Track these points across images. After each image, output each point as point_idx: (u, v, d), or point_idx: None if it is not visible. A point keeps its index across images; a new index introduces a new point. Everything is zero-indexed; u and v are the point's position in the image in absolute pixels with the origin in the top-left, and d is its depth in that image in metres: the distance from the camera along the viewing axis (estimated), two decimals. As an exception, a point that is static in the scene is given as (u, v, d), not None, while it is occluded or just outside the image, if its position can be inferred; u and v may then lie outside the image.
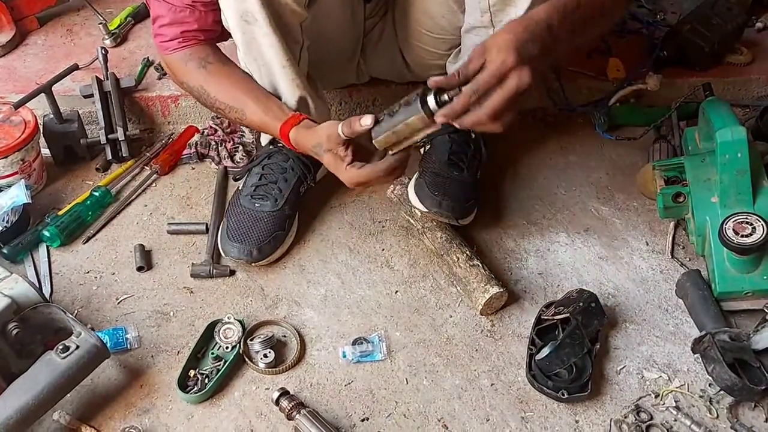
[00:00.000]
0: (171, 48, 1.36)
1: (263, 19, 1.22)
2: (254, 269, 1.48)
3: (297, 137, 1.31)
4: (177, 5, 1.30)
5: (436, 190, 1.44)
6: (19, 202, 1.49)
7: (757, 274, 1.34)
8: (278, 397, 1.23)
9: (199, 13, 1.31)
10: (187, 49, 1.36)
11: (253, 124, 1.40)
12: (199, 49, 1.37)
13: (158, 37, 1.37)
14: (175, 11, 1.31)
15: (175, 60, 1.38)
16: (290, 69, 1.32)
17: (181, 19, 1.32)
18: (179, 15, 1.31)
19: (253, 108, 1.35)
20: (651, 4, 2.06)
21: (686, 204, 1.47)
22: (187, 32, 1.34)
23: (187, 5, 1.30)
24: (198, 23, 1.32)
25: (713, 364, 1.25)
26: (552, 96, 1.82)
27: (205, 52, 1.37)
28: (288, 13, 1.25)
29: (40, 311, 1.21)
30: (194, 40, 1.35)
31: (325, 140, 1.24)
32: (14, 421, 1.12)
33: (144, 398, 1.27)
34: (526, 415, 1.26)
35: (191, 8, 1.30)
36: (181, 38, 1.34)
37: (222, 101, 1.38)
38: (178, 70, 1.40)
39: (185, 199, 1.64)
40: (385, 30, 1.59)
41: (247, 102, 1.35)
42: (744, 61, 1.87)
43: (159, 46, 1.39)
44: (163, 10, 1.32)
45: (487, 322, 1.40)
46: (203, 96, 1.40)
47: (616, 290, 1.46)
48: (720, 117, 1.41)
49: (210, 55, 1.37)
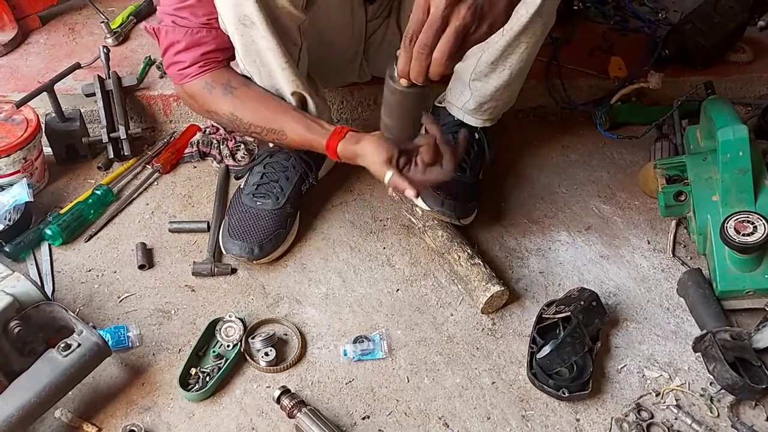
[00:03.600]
0: (191, 75, 1.34)
1: (261, 23, 1.22)
2: (255, 267, 1.48)
3: (345, 151, 1.30)
4: (193, 27, 1.29)
5: (438, 190, 1.44)
6: (21, 201, 1.50)
7: (758, 272, 1.34)
8: (279, 396, 1.23)
9: (216, 32, 1.29)
10: (207, 74, 1.33)
11: (294, 143, 1.36)
12: (220, 74, 1.34)
13: (174, 66, 1.34)
14: (192, 33, 1.29)
15: (197, 88, 1.35)
16: (289, 70, 1.31)
17: (199, 41, 1.30)
18: (196, 36, 1.30)
19: (293, 127, 1.33)
20: (653, 2, 2.06)
21: (688, 202, 1.47)
22: (206, 54, 1.31)
23: (202, 24, 1.29)
24: (216, 42, 1.31)
25: (714, 362, 1.25)
26: (553, 94, 1.82)
27: (226, 77, 1.34)
28: (285, 16, 1.25)
29: (42, 309, 1.21)
30: (214, 63, 1.33)
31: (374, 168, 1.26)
32: (16, 419, 1.12)
33: (145, 396, 1.27)
34: (526, 414, 1.26)
35: (207, 27, 1.29)
36: (201, 62, 1.32)
37: (258, 125, 1.35)
38: (201, 98, 1.37)
39: (187, 197, 1.64)
40: (389, 31, 1.58)
41: (286, 122, 1.34)
42: (745, 59, 1.87)
43: (177, 75, 1.35)
44: (178, 35, 1.30)
45: (488, 320, 1.40)
46: (235, 122, 1.37)
47: (617, 289, 1.46)
48: (721, 115, 1.41)
49: (232, 80, 1.35)
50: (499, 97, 1.44)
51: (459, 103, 1.51)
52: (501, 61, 1.35)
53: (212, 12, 1.27)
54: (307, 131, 1.33)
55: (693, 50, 1.82)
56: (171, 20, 1.30)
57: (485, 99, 1.44)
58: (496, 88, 1.41)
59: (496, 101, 1.45)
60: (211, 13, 1.27)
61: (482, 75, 1.40)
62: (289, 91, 1.36)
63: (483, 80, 1.41)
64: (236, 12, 1.21)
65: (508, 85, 1.41)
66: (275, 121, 1.34)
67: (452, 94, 1.53)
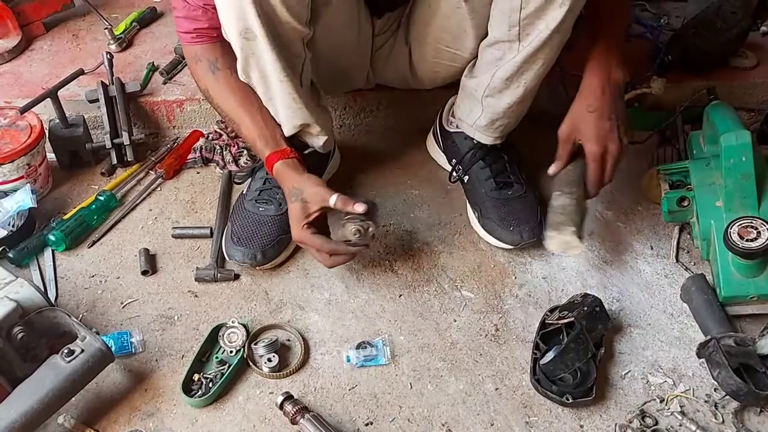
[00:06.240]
0: (185, 40, 1.39)
1: (262, 37, 1.22)
2: (258, 273, 1.48)
3: (281, 172, 1.37)
4: (191, 4, 1.32)
5: (505, 223, 1.49)
6: (24, 207, 1.50)
7: (762, 278, 1.33)
8: (282, 401, 1.23)
9: (211, 14, 1.31)
10: (198, 45, 1.37)
11: (246, 139, 1.44)
12: (211, 48, 1.37)
13: (176, 24, 1.39)
14: (189, 9, 1.33)
15: (189, 53, 1.41)
16: (288, 83, 1.32)
17: (194, 17, 1.34)
18: (192, 13, 1.33)
19: (249, 126, 1.38)
20: (655, 8, 2.06)
21: (691, 208, 1.46)
22: (199, 29, 1.35)
23: (199, 6, 1.31)
24: (209, 22, 1.33)
25: (718, 368, 1.24)
26: (556, 100, 1.81)
27: (215, 54, 1.37)
28: (289, 31, 1.26)
29: (45, 315, 1.22)
30: (207, 38, 1.36)
31: (310, 195, 1.33)
32: (19, 425, 1.12)
33: (148, 402, 1.27)
34: (530, 420, 1.26)
35: (203, 9, 1.32)
36: (194, 34, 1.36)
37: (223, 110, 1.41)
38: (190, 65, 1.44)
39: (190, 203, 1.64)
40: (396, 45, 1.58)
41: (245, 118, 1.38)
42: (749, 65, 1.87)
43: (177, 32, 1.41)
44: (178, 4, 1.34)
45: (492, 326, 1.39)
46: (209, 98, 1.43)
47: (621, 294, 1.45)
48: (724, 121, 1.41)
49: (219, 59, 1.37)
50: (511, 114, 1.43)
51: (470, 120, 1.51)
52: (516, 78, 1.34)
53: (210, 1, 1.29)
54: (258, 136, 1.39)
55: (696, 56, 1.81)
56: None
57: (498, 116, 1.44)
58: (509, 105, 1.40)
59: (507, 118, 1.45)
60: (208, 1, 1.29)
61: (496, 91, 1.39)
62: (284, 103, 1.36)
63: (497, 96, 1.40)
64: (239, 25, 1.22)
65: (521, 102, 1.40)
66: (238, 113, 1.39)
67: (462, 111, 1.53)
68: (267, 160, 1.38)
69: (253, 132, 1.38)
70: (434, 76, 1.58)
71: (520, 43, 1.28)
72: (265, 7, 1.20)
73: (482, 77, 1.39)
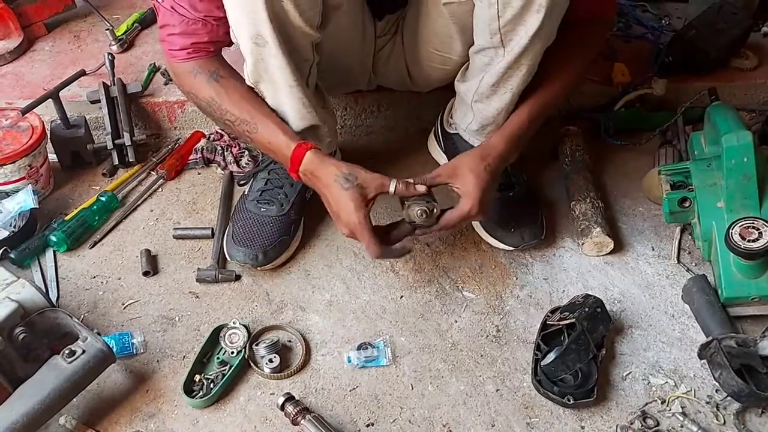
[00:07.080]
0: (179, 57, 1.35)
1: (273, 42, 1.21)
2: (259, 274, 1.48)
3: (316, 160, 1.30)
4: (189, 18, 1.29)
5: (506, 224, 1.49)
6: (26, 207, 1.50)
7: (763, 279, 1.33)
8: (283, 402, 1.23)
9: (211, 26, 1.30)
10: (194, 60, 1.34)
11: (262, 139, 1.36)
12: (208, 61, 1.35)
13: (166, 43, 1.36)
14: (187, 23, 1.30)
15: (182, 70, 1.37)
16: (297, 88, 1.31)
17: (193, 31, 1.31)
18: (191, 27, 1.30)
19: (268, 124, 1.33)
20: (656, 9, 2.06)
21: (692, 209, 1.46)
22: (197, 44, 1.32)
23: (199, 18, 1.29)
24: (209, 36, 1.31)
25: (720, 369, 1.24)
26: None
27: (215, 65, 1.35)
28: (300, 36, 1.25)
29: (46, 316, 1.22)
30: (204, 52, 1.34)
31: (366, 180, 1.28)
32: (20, 426, 1.12)
33: (149, 403, 1.27)
34: (531, 421, 1.26)
35: (203, 21, 1.29)
36: (190, 49, 1.33)
37: (234, 113, 1.35)
38: (185, 81, 1.38)
39: (191, 204, 1.64)
40: (395, 47, 1.58)
41: (261, 119, 1.34)
42: (750, 65, 1.87)
43: (166, 52, 1.37)
44: (173, 20, 1.31)
45: (493, 327, 1.39)
46: (213, 107, 1.37)
47: (622, 295, 1.45)
48: (726, 122, 1.41)
49: (220, 69, 1.35)
50: (501, 120, 1.42)
51: (463, 125, 1.51)
52: (503, 83, 1.33)
53: (211, 10, 1.27)
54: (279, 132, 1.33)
55: (697, 56, 1.81)
56: (171, 5, 1.30)
57: (488, 121, 1.43)
58: (498, 110, 1.39)
59: (497, 123, 1.44)
60: (210, 10, 1.28)
61: (484, 97, 1.38)
62: (293, 108, 1.35)
63: (485, 102, 1.39)
64: (251, 31, 1.21)
65: (509, 107, 1.39)
66: (252, 114, 1.34)
67: (457, 115, 1.53)
68: (295, 152, 1.31)
69: (275, 129, 1.33)
70: (428, 79, 1.58)
71: (504, 49, 1.27)
72: (278, 12, 1.18)
73: (471, 82, 1.39)
